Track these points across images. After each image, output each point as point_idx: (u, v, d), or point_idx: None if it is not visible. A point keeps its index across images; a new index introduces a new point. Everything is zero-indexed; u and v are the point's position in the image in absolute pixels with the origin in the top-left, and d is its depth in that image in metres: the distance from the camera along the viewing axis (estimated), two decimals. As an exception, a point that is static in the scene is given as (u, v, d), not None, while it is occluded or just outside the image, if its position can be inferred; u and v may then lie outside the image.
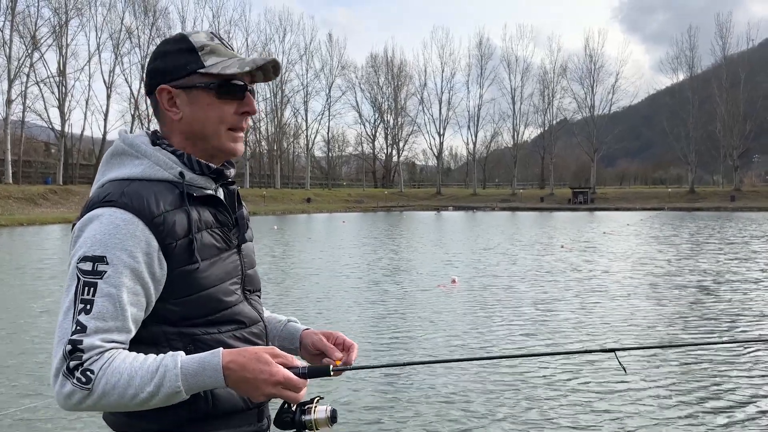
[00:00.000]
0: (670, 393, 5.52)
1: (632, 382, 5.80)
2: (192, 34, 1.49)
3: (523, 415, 5.04)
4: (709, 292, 11.15)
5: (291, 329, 1.70)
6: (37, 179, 59.13)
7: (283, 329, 1.70)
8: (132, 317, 1.32)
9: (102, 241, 1.31)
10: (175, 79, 1.46)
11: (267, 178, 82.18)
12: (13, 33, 54.18)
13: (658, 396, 5.45)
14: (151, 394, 1.27)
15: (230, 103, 1.48)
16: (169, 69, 1.46)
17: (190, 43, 1.46)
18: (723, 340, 7.37)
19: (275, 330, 1.70)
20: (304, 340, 1.65)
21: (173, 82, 1.46)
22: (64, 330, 1.28)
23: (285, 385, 1.31)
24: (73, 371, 1.25)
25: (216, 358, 1.29)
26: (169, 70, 1.46)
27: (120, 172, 1.43)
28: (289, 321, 1.72)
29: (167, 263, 1.36)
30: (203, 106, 1.46)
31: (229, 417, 1.44)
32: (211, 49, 1.47)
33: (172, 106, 1.47)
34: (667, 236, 25.66)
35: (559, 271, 14.16)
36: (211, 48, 1.47)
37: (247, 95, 1.51)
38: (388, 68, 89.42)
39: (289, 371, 1.32)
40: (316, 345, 1.61)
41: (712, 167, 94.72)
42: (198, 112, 1.46)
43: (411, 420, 4.97)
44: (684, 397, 5.41)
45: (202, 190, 1.47)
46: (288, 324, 1.71)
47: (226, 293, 1.45)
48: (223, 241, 1.47)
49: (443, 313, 9.29)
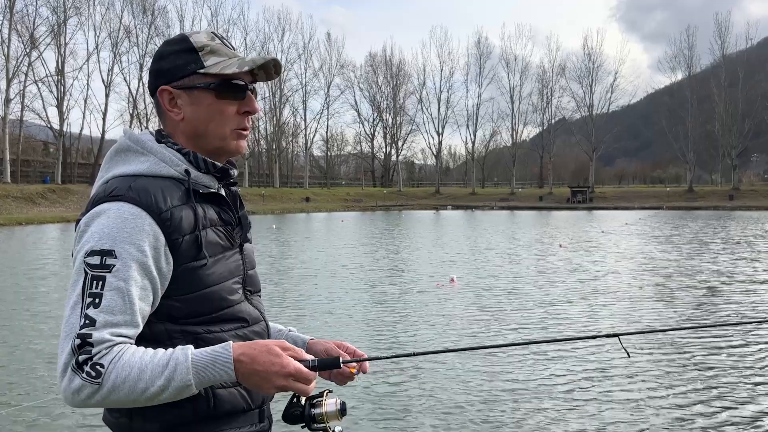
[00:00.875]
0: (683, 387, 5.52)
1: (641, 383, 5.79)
2: (193, 35, 1.48)
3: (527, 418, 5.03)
4: (716, 293, 11.15)
5: (295, 337, 1.70)
6: (36, 178, 59.10)
7: (287, 336, 1.70)
8: (140, 311, 1.32)
9: (110, 235, 1.30)
10: (176, 80, 1.45)
11: (266, 178, 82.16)
12: (11, 32, 54.16)
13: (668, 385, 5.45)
14: (162, 388, 1.26)
15: (231, 103, 1.47)
16: (170, 70, 1.46)
17: (191, 44, 1.45)
18: (731, 322, 7.37)
19: (278, 336, 1.69)
20: (315, 347, 1.64)
21: (174, 83, 1.45)
22: (72, 325, 1.27)
23: (296, 377, 1.30)
24: (83, 365, 1.24)
25: (227, 350, 1.29)
26: (170, 71, 1.46)
27: (125, 169, 1.42)
28: (289, 330, 1.72)
29: (173, 259, 1.36)
30: (204, 107, 1.45)
31: (230, 417, 1.43)
32: (212, 49, 1.46)
33: (174, 107, 1.47)
34: (668, 235, 25.67)
35: (557, 270, 14.16)
36: (211, 48, 1.46)
37: (249, 95, 1.49)
38: (386, 67, 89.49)
39: (300, 363, 1.31)
40: (330, 352, 1.61)
41: (711, 166, 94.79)
42: (199, 113, 1.45)
43: (424, 414, 4.97)
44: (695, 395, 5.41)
45: (206, 188, 1.46)
46: (290, 333, 1.71)
47: (229, 291, 1.45)
48: (227, 239, 1.47)
49: (441, 313, 9.29)
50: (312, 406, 1.41)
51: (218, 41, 1.48)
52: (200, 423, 1.39)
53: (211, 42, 1.47)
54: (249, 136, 1.54)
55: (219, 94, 1.45)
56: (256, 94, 1.55)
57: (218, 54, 1.46)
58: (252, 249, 1.62)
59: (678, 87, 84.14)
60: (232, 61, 1.45)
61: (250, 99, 1.50)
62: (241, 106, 1.48)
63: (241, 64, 1.44)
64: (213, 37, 1.48)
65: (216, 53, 1.46)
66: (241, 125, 1.49)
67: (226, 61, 1.45)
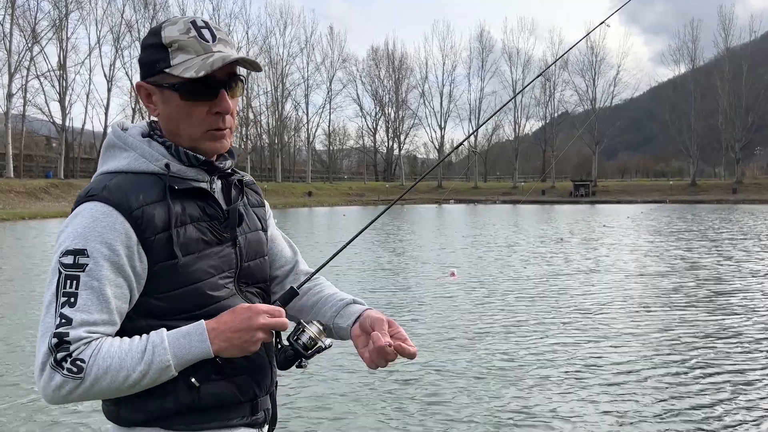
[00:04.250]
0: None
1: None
2: (167, 27, 1.38)
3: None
4: (722, 291, 11.14)
5: (352, 309, 1.55)
6: (39, 173, 59.16)
7: (343, 307, 1.57)
8: (117, 310, 1.32)
9: (82, 234, 1.30)
10: (150, 76, 1.41)
11: (268, 172, 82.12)
12: (13, 26, 54.07)
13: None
14: (143, 373, 1.27)
15: (200, 104, 1.38)
16: (145, 65, 1.42)
17: (160, 39, 1.37)
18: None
19: (328, 304, 1.59)
20: (367, 317, 1.48)
21: (148, 79, 1.42)
22: (47, 324, 1.27)
23: (270, 313, 1.35)
24: (62, 363, 1.24)
25: (199, 324, 1.33)
26: (144, 66, 1.42)
27: (110, 165, 1.43)
28: (354, 301, 1.58)
29: (147, 258, 1.34)
30: (174, 107, 1.39)
31: (217, 410, 1.42)
32: (180, 45, 1.36)
33: (150, 103, 1.44)
34: (668, 228, 25.62)
35: (559, 263, 14.17)
36: (179, 44, 1.36)
37: (221, 93, 1.39)
38: (389, 61, 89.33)
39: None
40: (374, 324, 1.43)
41: (714, 160, 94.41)
42: (170, 112, 1.40)
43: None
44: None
45: (189, 182, 1.43)
46: (351, 305, 1.57)
47: (213, 288, 1.41)
48: (213, 234, 1.43)
49: (442, 306, 9.30)
50: (298, 338, 1.42)
51: (193, 33, 1.37)
52: (183, 415, 1.38)
53: (183, 36, 1.36)
54: (248, 130, 1.47)
55: (183, 95, 1.37)
56: (242, 86, 1.46)
57: (186, 51, 1.36)
58: (258, 237, 1.57)
59: (681, 80, 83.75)
60: (195, 62, 1.35)
61: (222, 98, 1.39)
62: (212, 106, 1.39)
63: (200, 68, 1.34)
64: (189, 28, 1.38)
65: (184, 50, 1.36)
66: (215, 126, 1.41)
67: (191, 60, 1.35)
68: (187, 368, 1.34)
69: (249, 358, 1.43)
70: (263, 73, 79.85)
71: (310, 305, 1.63)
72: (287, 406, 5.07)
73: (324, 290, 1.67)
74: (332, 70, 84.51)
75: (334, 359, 6.27)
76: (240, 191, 1.56)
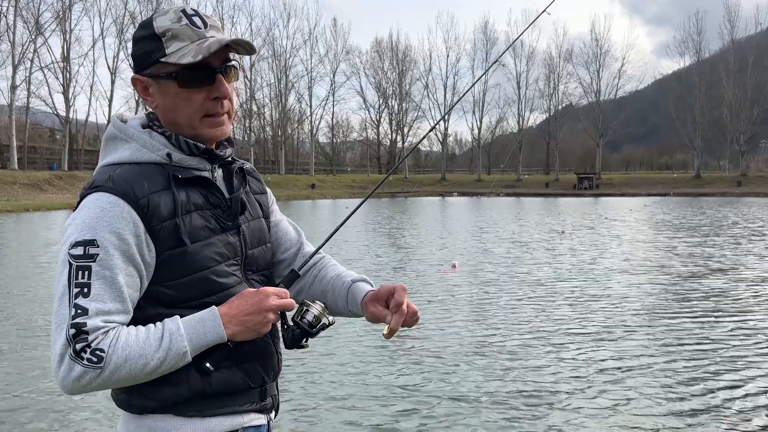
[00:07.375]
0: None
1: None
2: (157, 17, 1.40)
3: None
4: (729, 289, 11.15)
5: (358, 288, 1.63)
6: (43, 165, 59.24)
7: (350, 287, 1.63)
8: (130, 298, 1.34)
9: (90, 225, 1.31)
10: (145, 68, 1.43)
11: (271, 164, 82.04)
12: (16, 18, 54.07)
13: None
14: (161, 360, 1.30)
15: (198, 90, 1.40)
16: (139, 58, 1.43)
17: (153, 29, 1.39)
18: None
19: (335, 286, 1.65)
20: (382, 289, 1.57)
21: (143, 72, 1.43)
22: (62, 316, 1.28)
23: (278, 294, 1.41)
24: (81, 353, 1.25)
25: (212, 311, 1.37)
26: (139, 59, 1.43)
27: (112, 157, 1.44)
28: (353, 282, 1.64)
29: (155, 246, 1.36)
30: (171, 96, 1.41)
31: (228, 396, 1.44)
32: (173, 33, 1.38)
33: (147, 95, 1.45)
34: (670, 221, 25.58)
35: (559, 256, 14.20)
36: (173, 33, 1.38)
37: (218, 78, 1.41)
38: (392, 53, 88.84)
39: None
40: (393, 291, 1.53)
41: (719, 152, 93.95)
42: (168, 102, 1.42)
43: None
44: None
45: (191, 171, 1.44)
46: (353, 285, 1.63)
47: (220, 275, 1.44)
48: (217, 222, 1.46)
49: (444, 298, 9.34)
50: (303, 318, 1.48)
51: (185, 21, 1.38)
52: (196, 401, 1.40)
53: (175, 25, 1.38)
54: (252, 122, 1.50)
55: (182, 83, 1.39)
56: (235, 71, 1.48)
57: (180, 39, 1.37)
58: (261, 225, 1.60)
59: (686, 72, 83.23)
60: (191, 48, 1.37)
61: (219, 83, 1.41)
62: (210, 91, 1.42)
63: (197, 52, 1.36)
64: (180, 16, 1.39)
65: (177, 38, 1.37)
66: (213, 111, 1.43)
67: (186, 47, 1.37)
68: (200, 354, 1.37)
69: (257, 344, 1.46)
70: (267, 65, 78.92)
71: (319, 294, 1.66)
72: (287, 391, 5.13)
73: (327, 274, 1.69)
74: (336, 62, 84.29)
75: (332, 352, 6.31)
76: (242, 179, 1.58)
